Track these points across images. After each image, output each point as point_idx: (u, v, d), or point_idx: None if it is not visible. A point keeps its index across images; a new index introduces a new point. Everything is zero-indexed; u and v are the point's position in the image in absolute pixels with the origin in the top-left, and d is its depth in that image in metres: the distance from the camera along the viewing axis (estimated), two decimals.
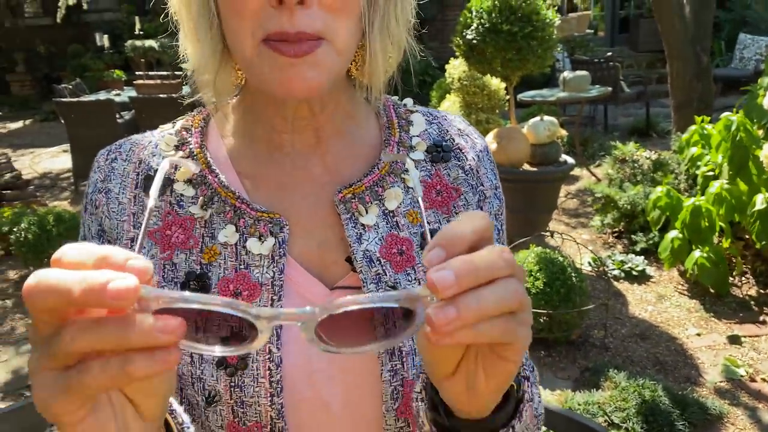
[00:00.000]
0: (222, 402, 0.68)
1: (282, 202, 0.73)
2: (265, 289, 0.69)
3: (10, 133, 10.41)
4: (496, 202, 0.79)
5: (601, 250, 4.55)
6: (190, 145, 0.74)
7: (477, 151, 0.79)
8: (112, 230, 0.72)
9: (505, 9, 3.88)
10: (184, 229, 0.71)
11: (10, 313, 4.04)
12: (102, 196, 0.73)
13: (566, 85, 5.69)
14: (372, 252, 0.71)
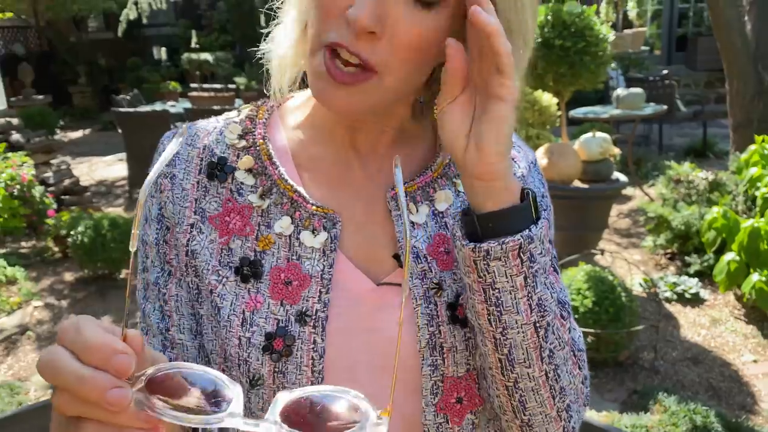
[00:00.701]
0: (265, 386, 0.69)
1: (336, 197, 0.74)
2: (314, 281, 0.70)
3: (70, 142, 10.82)
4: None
5: (653, 272, 4.42)
6: (254, 135, 0.76)
7: (528, 162, 0.81)
8: (173, 216, 0.73)
9: (558, 24, 3.84)
10: (241, 216, 0.72)
11: (65, 313, 4.17)
12: (167, 181, 0.74)
13: (620, 103, 5.58)
14: (419, 249, 0.72)
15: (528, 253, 0.61)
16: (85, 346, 0.44)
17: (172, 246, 0.73)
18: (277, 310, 0.69)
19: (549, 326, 0.65)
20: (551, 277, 0.66)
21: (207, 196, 0.73)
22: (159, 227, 0.74)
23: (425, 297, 0.70)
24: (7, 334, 3.88)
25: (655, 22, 12.15)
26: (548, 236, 0.64)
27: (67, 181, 6.26)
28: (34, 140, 6.10)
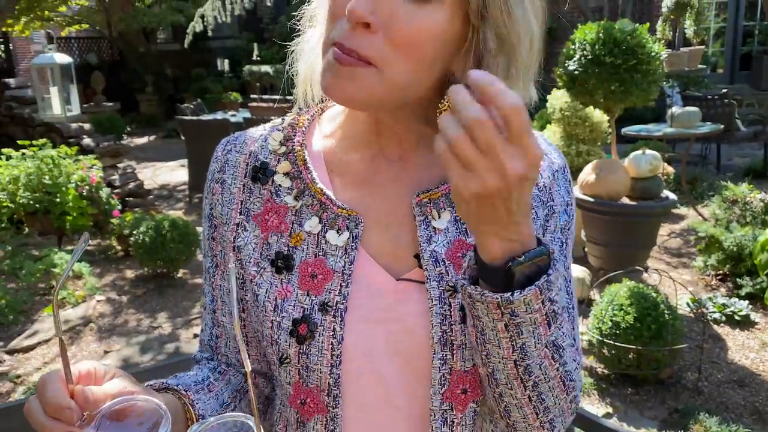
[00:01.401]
0: (291, 364, 0.78)
1: (365, 199, 0.81)
2: (336, 275, 0.78)
3: (136, 147, 11.31)
4: (564, 217, 0.83)
5: (703, 292, 4.35)
6: (293, 142, 0.85)
7: (553, 170, 0.83)
8: (222, 216, 0.84)
9: (609, 41, 3.86)
10: (278, 215, 0.81)
11: (125, 308, 4.41)
12: (218, 185, 0.84)
13: (674, 121, 5.51)
14: (439, 253, 0.77)
15: (509, 309, 0.63)
16: (45, 403, 0.61)
17: (219, 242, 0.85)
18: (303, 300, 0.77)
19: (531, 366, 0.68)
20: (541, 329, 0.66)
21: (252, 197, 0.83)
22: (209, 225, 0.86)
23: (440, 298, 0.75)
24: (72, 325, 4.13)
25: (719, 40, 11.87)
26: (542, 298, 0.64)
27: (132, 183, 6.59)
28: (103, 144, 6.45)
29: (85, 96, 12.75)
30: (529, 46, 0.68)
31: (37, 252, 5.12)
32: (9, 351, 3.83)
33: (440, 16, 0.65)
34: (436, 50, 0.67)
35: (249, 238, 0.82)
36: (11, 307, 4.20)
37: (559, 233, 0.82)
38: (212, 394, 0.83)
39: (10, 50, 11.69)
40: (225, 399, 0.85)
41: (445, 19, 0.65)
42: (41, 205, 5.05)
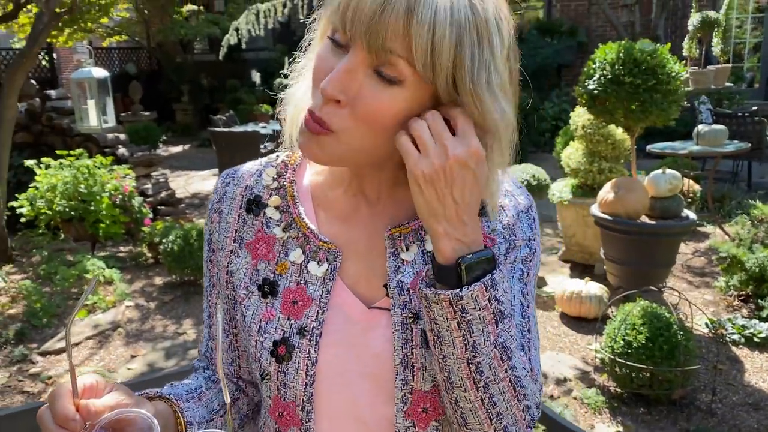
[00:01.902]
0: (271, 380, 0.87)
1: (345, 233, 0.90)
2: (314, 303, 0.87)
3: (170, 156, 11.60)
4: (525, 250, 0.90)
5: (724, 313, 4.32)
6: (284, 178, 0.94)
7: (518, 210, 0.90)
8: (218, 242, 0.94)
9: (629, 61, 3.89)
10: (267, 244, 0.91)
11: (152, 314, 4.56)
12: (216, 215, 0.95)
13: (700, 139, 5.48)
14: (404, 283, 0.85)
15: (460, 306, 0.73)
16: (55, 414, 0.71)
17: (215, 265, 0.95)
18: (284, 323, 0.87)
19: (481, 364, 0.76)
20: (489, 327, 0.75)
21: (245, 227, 0.93)
22: (208, 249, 0.96)
23: (403, 324, 0.84)
24: (102, 329, 4.30)
25: (756, 55, 11.68)
26: (488, 296, 0.74)
27: (164, 192, 6.79)
28: (137, 154, 6.67)
29: (123, 105, 13.13)
30: (504, 126, 0.74)
31: (72, 257, 5.33)
32: (42, 353, 4.01)
33: (403, 96, 0.72)
34: (398, 122, 0.74)
35: (241, 264, 0.92)
36: (45, 311, 4.39)
37: (520, 264, 0.89)
38: (202, 402, 0.93)
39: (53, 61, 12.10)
40: (215, 406, 0.95)
41: (405, 98, 0.72)
42: (76, 212, 5.26)
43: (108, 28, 12.92)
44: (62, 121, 6.58)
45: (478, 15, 0.70)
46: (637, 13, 9.54)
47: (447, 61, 0.69)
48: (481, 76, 0.70)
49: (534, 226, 0.92)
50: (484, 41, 0.70)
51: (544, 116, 10.23)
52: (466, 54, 0.69)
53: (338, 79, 0.72)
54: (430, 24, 0.67)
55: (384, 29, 0.68)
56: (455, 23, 0.68)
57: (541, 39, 11.38)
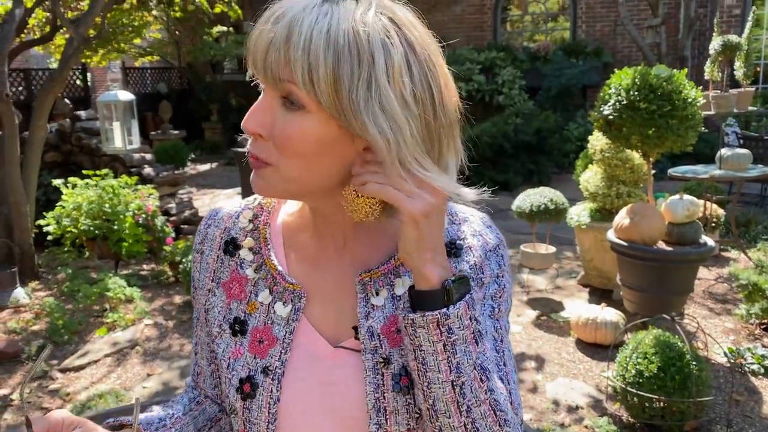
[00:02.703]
0: (237, 416, 0.91)
1: (313, 275, 0.93)
2: (278, 342, 0.90)
3: (198, 174, 11.81)
4: (494, 286, 0.92)
5: (745, 342, 4.23)
6: (259, 221, 0.99)
7: (486, 250, 0.93)
8: (199, 281, 0.99)
9: (645, 87, 3.87)
10: (240, 284, 0.95)
11: (170, 333, 4.64)
12: (198, 255, 1.00)
13: (723, 163, 5.40)
14: (374, 328, 0.88)
15: (446, 326, 0.78)
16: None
17: (197, 301, 1.00)
18: (251, 362, 0.91)
19: (464, 385, 0.79)
20: (471, 347, 0.80)
21: (222, 267, 0.97)
22: (192, 287, 1.01)
23: (374, 369, 0.86)
24: (120, 347, 4.38)
25: None
26: (469, 315, 0.80)
27: (187, 211, 6.92)
28: (162, 174, 6.81)
29: (154, 123, 13.43)
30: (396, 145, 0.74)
31: (96, 275, 5.46)
32: (62, 369, 4.10)
33: (310, 121, 0.75)
34: (315, 148, 0.76)
35: (216, 302, 0.97)
36: (67, 328, 4.50)
37: (490, 300, 0.92)
38: (175, 428, 0.98)
39: (87, 80, 12.45)
40: (189, 431, 1.00)
41: (314, 123, 0.75)
42: (100, 231, 5.40)
43: (141, 48, 13.26)
44: (91, 141, 6.77)
45: (359, 36, 0.72)
46: (663, 34, 9.47)
47: (325, 80, 0.72)
48: (359, 93, 0.72)
49: (502, 263, 0.95)
50: (363, 61, 0.72)
51: (568, 137, 10.16)
52: (344, 73, 0.71)
53: (253, 115, 0.78)
54: (304, 48, 0.71)
55: (273, 61, 0.73)
56: (332, 45, 0.71)
57: (566, 60, 11.35)
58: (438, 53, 0.81)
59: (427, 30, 0.81)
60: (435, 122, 0.78)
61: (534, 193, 5.13)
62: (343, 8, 0.74)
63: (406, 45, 0.75)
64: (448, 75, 0.81)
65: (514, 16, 13.44)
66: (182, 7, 9.39)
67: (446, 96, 0.79)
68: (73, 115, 7.02)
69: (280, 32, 0.73)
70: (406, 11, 0.80)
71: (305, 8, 0.75)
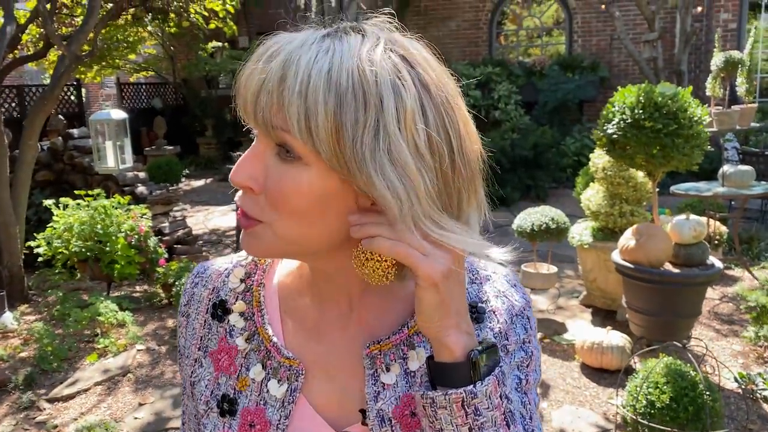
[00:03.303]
0: None
1: (315, 347, 0.80)
2: (272, 428, 0.78)
3: (192, 190, 11.68)
4: (521, 354, 0.81)
5: (754, 365, 4.12)
6: (252, 280, 0.86)
7: (512, 314, 0.82)
8: (185, 348, 0.87)
9: (650, 105, 3.79)
10: (229, 356, 0.83)
11: (162, 359, 4.50)
12: (184, 319, 0.88)
13: (726, 180, 5.32)
14: (385, 412, 0.76)
15: (473, 407, 0.67)
16: None
17: (183, 371, 0.88)
18: None
19: None
20: (501, 430, 0.69)
21: (210, 334, 0.85)
22: (180, 354, 0.89)
23: None
24: (111, 375, 4.24)
25: None
26: (499, 392, 0.69)
27: (180, 231, 6.79)
28: (155, 193, 6.69)
29: (149, 139, 13.34)
30: (408, 202, 0.63)
31: (87, 296, 5.32)
32: (50, 399, 3.96)
33: (307, 175, 0.65)
34: (314, 204, 0.66)
35: (203, 374, 0.84)
36: (56, 355, 4.36)
37: (516, 370, 0.81)
38: None
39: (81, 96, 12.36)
40: None
41: (313, 176, 0.65)
42: (92, 252, 5.27)
43: (135, 64, 13.19)
44: (83, 160, 6.65)
45: (365, 76, 0.62)
46: (659, 49, 9.44)
47: (324, 128, 0.61)
48: (365, 143, 0.61)
49: (529, 327, 0.83)
50: (370, 105, 0.62)
51: (565, 152, 10.10)
52: (347, 120, 0.61)
53: (242, 166, 0.68)
54: (301, 90, 0.61)
55: (265, 106, 0.64)
56: (333, 87, 0.61)
57: (562, 74, 11.32)
58: (457, 94, 0.70)
59: (444, 68, 0.71)
60: (453, 174, 0.67)
61: (535, 212, 5.03)
62: (347, 44, 0.64)
63: (420, 86, 0.65)
64: (468, 119, 0.71)
65: (508, 30, 13.43)
66: (177, 23, 9.30)
67: (466, 143, 0.68)
68: (65, 133, 6.91)
69: (274, 72, 0.63)
70: (420, 47, 0.70)
71: (303, 44, 0.64)
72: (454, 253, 0.66)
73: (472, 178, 0.70)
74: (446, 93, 0.67)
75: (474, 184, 0.71)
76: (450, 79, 0.71)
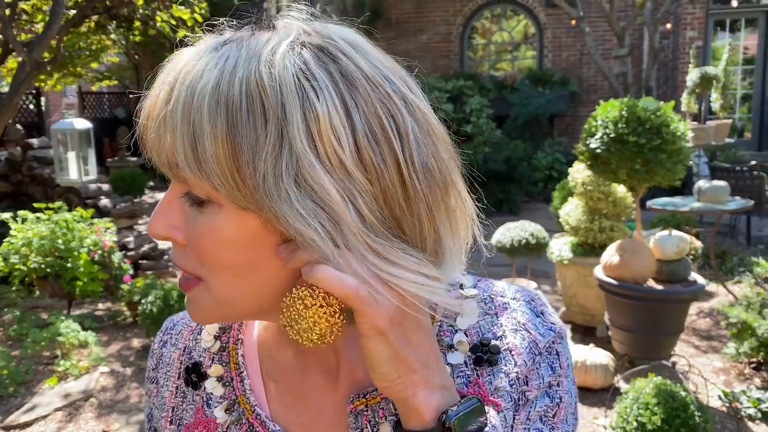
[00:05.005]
0: None
1: (301, 414, 0.67)
2: None
3: (157, 203, 11.36)
4: (545, 400, 0.64)
5: (736, 382, 4.09)
6: (228, 335, 0.71)
7: (534, 354, 0.64)
8: (157, 420, 0.73)
9: (633, 120, 3.75)
10: (207, 430, 0.68)
11: (128, 382, 4.27)
12: (153, 386, 0.74)
13: (701, 195, 5.33)
14: None
15: None
16: None
17: None
18: None
19: None
20: None
21: (184, 403, 0.70)
22: (149, 428, 0.74)
23: None
24: (73, 400, 3.99)
25: (745, 105, 11.73)
26: None
27: (146, 246, 6.54)
28: (120, 206, 6.44)
29: (111, 150, 12.97)
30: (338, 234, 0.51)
31: (46, 315, 5.04)
32: (6, 427, 3.70)
33: (219, 219, 0.53)
34: (237, 254, 0.54)
35: None
36: (12, 379, 4.09)
37: (539, 422, 0.63)
38: None
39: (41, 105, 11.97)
40: None
41: (226, 220, 0.53)
42: (52, 269, 5.00)
43: (98, 72, 12.84)
44: (44, 171, 6.37)
45: (261, 82, 0.49)
46: (629, 64, 9.55)
47: (215, 156, 0.49)
48: (267, 168, 0.49)
49: (558, 365, 0.65)
50: (269, 119, 0.49)
51: (537, 166, 10.13)
52: (243, 141, 0.49)
53: (158, 215, 0.57)
54: (184, 112, 0.50)
55: (155, 140, 0.53)
56: (223, 102, 0.49)
57: (533, 89, 11.38)
58: (407, 86, 0.55)
59: (388, 56, 0.57)
60: (403, 190, 0.52)
61: (514, 227, 4.96)
62: (246, 48, 0.51)
63: (343, 83, 0.51)
64: (428, 118, 0.56)
65: (478, 44, 13.48)
66: (142, 31, 9.06)
67: (423, 147, 0.53)
68: (24, 143, 6.62)
69: (162, 96, 0.51)
70: (352, 34, 0.55)
71: (196, 55, 0.52)
72: (403, 299, 0.52)
73: (438, 189, 0.55)
74: (388, 88, 0.53)
75: (443, 196, 0.55)
76: (397, 68, 0.56)
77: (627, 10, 10.65)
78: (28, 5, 7.70)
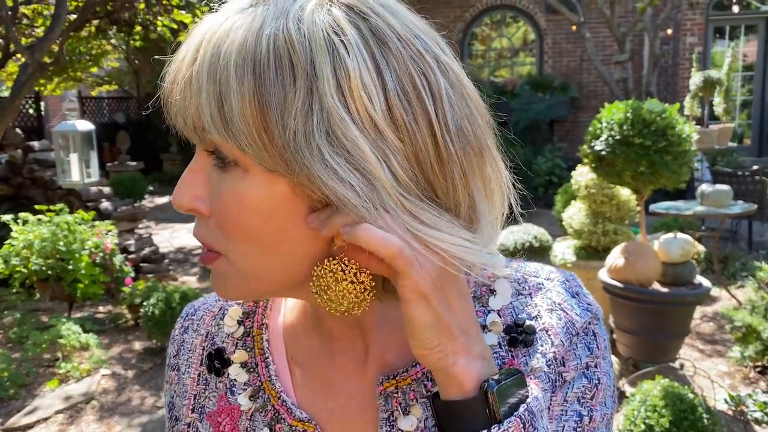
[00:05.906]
0: None
1: (329, 400, 0.65)
2: None
3: (156, 208, 11.34)
4: (582, 381, 0.61)
5: (741, 386, 4.07)
6: (252, 320, 0.69)
7: (571, 333, 0.62)
8: (179, 408, 0.71)
9: (638, 122, 3.74)
10: (231, 418, 0.66)
11: (130, 384, 4.24)
12: (174, 373, 0.72)
13: (704, 199, 5.33)
14: None
15: None
16: None
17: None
18: None
19: None
20: None
21: (207, 391, 0.69)
22: (170, 416, 0.72)
23: None
24: (74, 402, 3.96)
25: (745, 111, 11.76)
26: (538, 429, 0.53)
27: (147, 249, 6.52)
28: (121, 209, 6.42)
29: (111, 154, 12.95)
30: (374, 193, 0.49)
31: (47, 318, 5.01)
32: (6, 429, 3.66)
33: (245, 183, 0.51)
34: (263, 221, 0.52)
35: None
36: (13, 381, 4.06)
37: (576, 403, 0.61)
38: None
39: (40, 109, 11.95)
40: None
41: (253, 184, 0.51)
42: (53, 271, 4.97)
43: (98, 77, 12.83)
44: (44, 174, 6.35)
45: (290, 39, 0.48)
46: (629, 70, 9.57)
47: (242, 115, 0.48)
48: (298, 126, 0.47)
49: (595, 346, 0.62)
50: (299, 75, 0.48)
51: (537, 171, 10.14)
52: (272, 99, 0.47)
53: (182, 186, 0.55)
54: (210, 71, 0.49)
55: (187, 103, 0.51)
56: (249, 60, 0.48)
57: (533, 94, 11.40)
58: (439, 47, 0.53)
59: (420, 17, 0.55)
60: (436, 152, 0.50)
61: (518, 230, 4.95)
62: (273, 7, 0.50)
63: (374, 41, 0.49)
64: (461, 79, 0.54)
65: (478, 50, 13.51)
66: (143, 36, 9.06)
67: (457, 109, 0.52)
68: (25, 145, 6.60)
69: (188, 58, 0.50)
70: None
71: (222, 17, 0.51)
72: (444, 260, 0.50)
73: (472, 153, 0.53)
74: (420, 47, 0.51)
75: (478, 160, 0.54)
76: (428, 28, 0.54)
77: (627, 16, 10.68)
78: (29, 10, 7.70)
